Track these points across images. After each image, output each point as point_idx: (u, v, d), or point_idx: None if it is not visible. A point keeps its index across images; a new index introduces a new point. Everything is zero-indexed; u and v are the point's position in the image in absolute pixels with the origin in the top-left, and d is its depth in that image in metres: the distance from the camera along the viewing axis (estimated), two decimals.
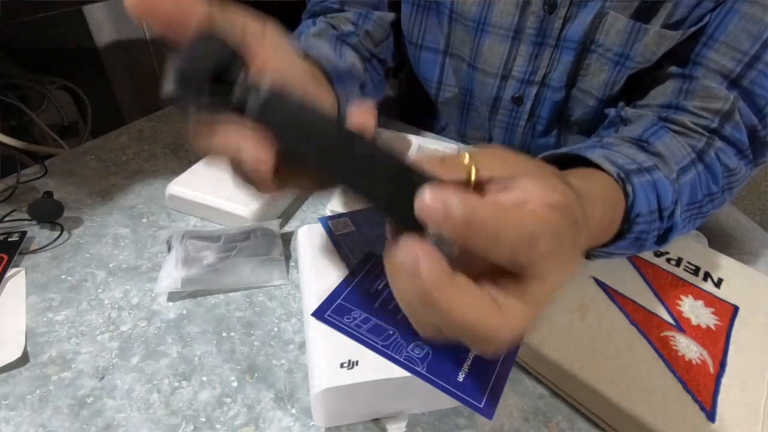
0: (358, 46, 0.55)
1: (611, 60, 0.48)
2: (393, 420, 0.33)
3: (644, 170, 0.37)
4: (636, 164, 0.37)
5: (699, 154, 0.43)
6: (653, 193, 0.37)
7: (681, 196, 0.40)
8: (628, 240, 0.37)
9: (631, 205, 0.35)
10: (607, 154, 0.37)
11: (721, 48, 0.43)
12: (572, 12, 0.48)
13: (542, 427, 0.34)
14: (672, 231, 0.39)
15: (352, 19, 0.55)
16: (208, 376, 0.36)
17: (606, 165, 0.35)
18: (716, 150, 0.43)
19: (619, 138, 0.43)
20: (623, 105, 0.50)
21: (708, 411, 0.33)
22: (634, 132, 0.43)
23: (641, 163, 0.38)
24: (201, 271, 0.42)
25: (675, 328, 0.39)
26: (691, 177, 0.42)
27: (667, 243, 0.40)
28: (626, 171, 0.36)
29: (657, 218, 0.37)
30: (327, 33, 0.52)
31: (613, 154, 0.37)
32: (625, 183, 0.35)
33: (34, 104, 0.93)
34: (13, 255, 0.43)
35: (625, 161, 0.37)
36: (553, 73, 0.53)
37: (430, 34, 0.58)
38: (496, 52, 0.54)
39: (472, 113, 0.64)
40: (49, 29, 1.00)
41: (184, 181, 0.50)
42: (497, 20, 0.52)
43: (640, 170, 0.37)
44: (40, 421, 0.32)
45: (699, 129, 0.43)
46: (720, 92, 0.43)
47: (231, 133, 0.23)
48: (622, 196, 0.36)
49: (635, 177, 0.36)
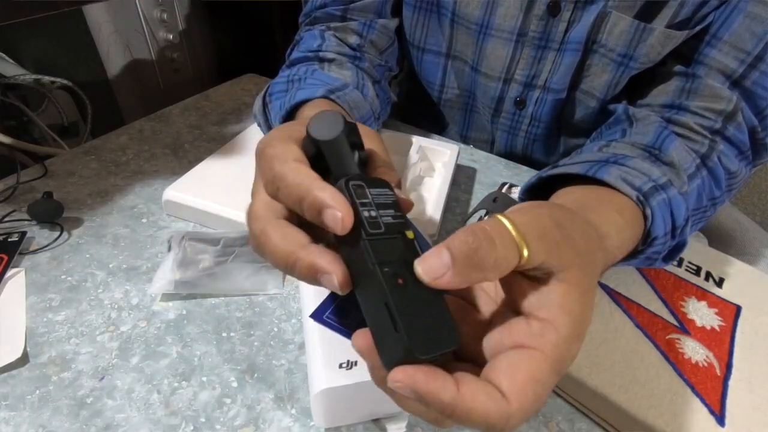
0: (370, 69, 0.54)
1: (614, 61, 0.48)
2: (393, 420, 0.33)
3: (660, 188, 0.36)
4: (652, 182, 0.36)
5: (702, 158, 0.42)
6: (668, 213, 0.36)
7: (689, 203, 0.39)
8: (639, 259, 0.37)
9: (649, 229, 0.35)
10: (624, 175, 0.35)
11: (725, 47, 0.42)
12: (576, 14, 0.48)
13: (542, 427, 0.34)
14: (681, 248, 0.38)
15: (357, 30, 0.54)
16: (207, 377, 0.36)
17: (626, 189, 0.34)
18: (719, 154, 0.42)
19: (630, 144, 0.41)
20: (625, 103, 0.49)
21: (717, 415, 0.33)
22: (645, 138, 0.41)
23: (657, 180, 0.36)
24: (196, 274, 0.41)
25: (680, 330, 0.39)
26: (698, 183, 0.41)
27: (674, 260, 0.39)
28: (645, 193, 0.35)
29: (670, 238, 0.36)
30: (345, 63, 0.51)
31: (630, 174, 0.36)
32: (644, 206, 0.34)
33: (34, 104, 0.93)
34: (13, 255, 0.43)
35: (642, 181, 0.35)
36: (555, 76, 0.52)
37: (433, 37, 0.58)
38: (499, 55, 0.54)
39: (474, 115, 0.64)
40: (49, 29, 1.00)
41: (180, 186, 0.49)
42: (500, 23, 0.52)
43: (656, 188, 0.36)
44: (39, 421, 0.32)
45: (702, 131, 0.43)
46: (723, 92, 0.42)
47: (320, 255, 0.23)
48: (641, 218, 0.35)
49: (653, 198, 0.35)
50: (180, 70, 1.39)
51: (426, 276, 0.20)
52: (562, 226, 0.22)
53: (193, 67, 1.43)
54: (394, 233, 0.23)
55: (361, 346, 0.22)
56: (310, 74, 0.47)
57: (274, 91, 0.47)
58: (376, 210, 0.23)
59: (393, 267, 0.21)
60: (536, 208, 0.23)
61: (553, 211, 0.23)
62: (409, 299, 0.21)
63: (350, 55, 0.53)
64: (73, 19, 1.07)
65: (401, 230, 0.23)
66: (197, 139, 0.64)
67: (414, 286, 0.21)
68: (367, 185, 0.24)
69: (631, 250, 0.35)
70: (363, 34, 0.55)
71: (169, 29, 1.31)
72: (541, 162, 0.64)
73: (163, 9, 1.27)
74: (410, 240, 0.23)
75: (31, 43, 0.97)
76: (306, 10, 0.57)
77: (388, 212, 0.24)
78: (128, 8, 1.19)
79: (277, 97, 0.46)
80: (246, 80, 0.81)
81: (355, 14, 0.55)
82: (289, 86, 0.46)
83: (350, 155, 0.26)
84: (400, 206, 0.25)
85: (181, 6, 1.33)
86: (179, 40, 1.35)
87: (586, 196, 0.35)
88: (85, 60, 1.12)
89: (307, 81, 0.45)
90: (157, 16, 1.27)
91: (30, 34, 0.97)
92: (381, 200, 0.24)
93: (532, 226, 0.21)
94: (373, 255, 0.21)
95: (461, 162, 0.62)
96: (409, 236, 0.23)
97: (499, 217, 0.21)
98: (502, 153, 0.65)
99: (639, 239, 0.35)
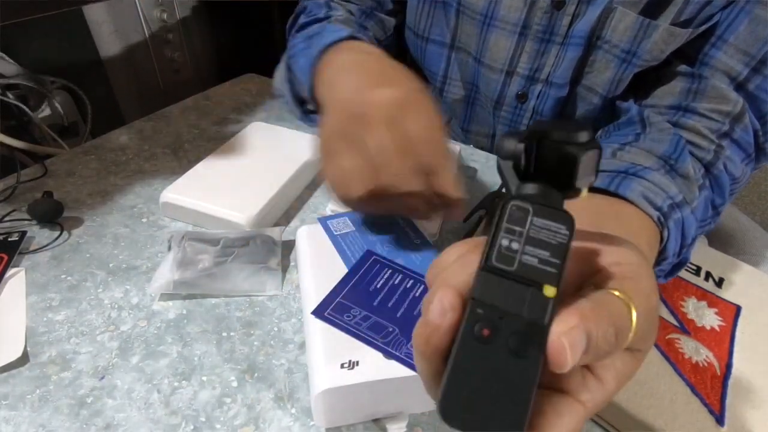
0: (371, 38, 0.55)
1: (618, 57, 0.48)
2: (393, 420, 0.33)
3: (676, 206, 0.36)
4: (670, 199, 0.36)
5: (707, 167, 0.42)
6: (680, 233, 0.36)
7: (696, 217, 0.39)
8: None
9: (663, 248, 0.35)
10: (646, 192, 0.35)
11: (730, 50, 0.42)
12: (581, 9, 0.48)
13: None
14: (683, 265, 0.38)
15: (354, 13, 0.55)
16: (207, 376, 0.36)
17: (648, 209, 0.34)
18: (725, 160, 0.42)
19: (646, 152, 0.40)
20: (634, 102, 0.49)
21: (717, 415, 0.33)
22: (662, 147, 0.40)
23: (674, 198, 0.36)
24: (195, 274, 0.41)
25: (680, 330, 0.39)
26: (705, 195, 0.41)
27: (674, 276, 0.40)
28: (664, 213, 0.35)
29: (676, 257, 0.37)
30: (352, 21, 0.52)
31: (650, 191, 0.35)
32: (663, 227, 0.34)
33: (34, 104, 0.93)
34: (13, 255, 0.43)
35: (662, 199, 0.35)
36: (557, 70, 0.52)
37: (437, 27, 0.58)
38: (502, 47, 0.54)
39: (476, 108, 0.64)
40: (49, 29, 1.00)
41: (178, 188, 0.49)
42: (505, 15, 0.52)
43: (673, 207, 0.36)
44: (40, 421, 0.32)
45: (710, 135, 0.42)
46: (730, 94, 0.42)
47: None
48: (658, 238, 0.34)
49: (670, 219, 0.35)
50: (180, 70, 1.39)
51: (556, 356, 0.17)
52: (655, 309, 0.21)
53: (193, 67, 1.44)
54: (527, 279, 0.18)
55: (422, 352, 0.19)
56: (324, 28, 0.47)
57: (295, 52, 0.47)
58: (523, 243, 0.19)
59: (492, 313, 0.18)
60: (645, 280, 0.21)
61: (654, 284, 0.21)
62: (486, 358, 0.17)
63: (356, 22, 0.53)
64: (73, 19, 1.07)
65: (541, 280, 0.18)
66: (197, 139, 0.64)
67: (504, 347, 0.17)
68: (536, 213, 0.19)
69: None
70: (360, 21, 0.55)
71: (169, 29, 1.31)
72: None
73: (163, 9, 1.27)
74: (544, 297, 0.18)
75: (31, 43, 0.97)
76: None
77: (540, 252, 0.19)
78: (128, 8, 1.19)
79: (303, 54, 0.45)
80: (246, 80, 0.81)
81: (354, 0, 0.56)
82: (308, 43, 0.46)
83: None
84: (563, 253, 0.19)
85: (181, 6, 1.33)
86: (179, 40, 1.35)
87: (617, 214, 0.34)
88: (85, 60, 1.12)
89: (326, 30, 0.46)
90: (157, 16, 1.27)
91: (30, 34, 0.97)
92: (542, 236, 0.19)
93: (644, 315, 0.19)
94: (478, 289, 0.18)
95: (461, 161, 0.62)
96: (547, 294, 0.18)
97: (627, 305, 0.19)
98: None
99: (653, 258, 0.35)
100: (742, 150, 0.43)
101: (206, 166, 0.52)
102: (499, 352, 0.17)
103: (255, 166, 0.53)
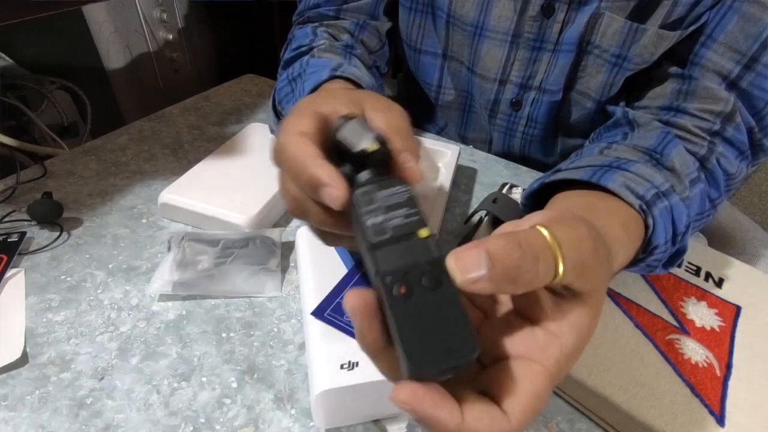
0: (363, 56, 0.54)
1: (608, 61, 0.48)
2: (393, 420, 0.33)
3: (662, 195, 0.36)
4: (654, 188, 0.36)
5: (701, 161, 0.42)
6: (669, 220, 0.36)
7: (691, 209, 0.39)
8: (639, 266, 0.36)
9: (650, 238, 0.34)
10: (627, 182, 0.35)
11: (720, 48, 0.42)
12: (570, 15, 0.48)
13: (542, 428, 0.34)
14: (682, 254, 0.38)
15: (348, 29, 0.54)
16: (207, 377, 0.36)
17: (629, 198, 0.34)
18: (718, 155, 0.42)
19: (631, 148, 0.41)
20: (624, 104, 0.49)
21: (717, 415, 0.33)
22: (647, 142, 0.41)
23: (659, 187, 0.36)
24: (194, 275, 0.41)
25: (680, 330, 0.39)
26: (701, 188, 0.40)
27: (674, 266, 0.39)
28: (647, 201, 0.34)
29: (671, 245, 0.36)
30: (337, 50, 0.51)
31: (633, 181, 0.35)
32: (646, 215, 0.34)
33: (34, 104, 0.93)
34: (13, 255, 0.43)
35: (645, 188, 0.35)
36: (550, 77, 0.52)
37: (429, 38, 0.58)
38: (494, 56, 0.54)
39: (472, 115, 0.64)
40: (49, 29, 1.00)
41: (177, 189, 0.49)
42: (495, 24, 0.52)
43: (658, 195, 0.35)
44: (39, 421, 0.32)
45: (701, 133, 0.42)
46: (721, 93, 0.42)
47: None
48: (643, 227, 0.34)
49: (655, 207, 0.34)
50: (180, 70, 1.39)
51: (459, 274, 0.19)
52: (597, 251, 0.21)
53: (193, 67, 1.44)
54: (403, 236, 0.21)
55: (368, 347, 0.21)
56: (306, 65, 0.47)
57: (281, 97, 0.47)
58: (384, 213, 0.22)
59: (398, 274, 0.20)
60: (578, 225, 0.22)
61: (591, 231, 0.22)
62: (416, 308, 0.19)
63: (342, 46, 0.52)
64: (73, 19, 1.07)
65: (413, 230, 0.21)
66: (197, 139, 0.64)
67: (423, 292, 0.20)
68: (378, 187, 0.23)
69: (632, 259, 0.35)
70: (354, 33, 0.55)
71: (169, 29, 1.31)
72: (539, 162, 0.64)
73: (163, 9, 1.27)
74: (422, 239, 0.21)
75: (31, 43, 0.97)
76: (299, 10, 0.57)
77: (398, 212, 0.22)
78: (128, 8, 1.19)
79: (287, 101, 0.46)
80: (246, 80, 0.81)
81: (347, 15, 0.55)
82: (292, 86, 0.46)
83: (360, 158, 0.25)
84: (414, 201, 0.23)
85: (181, 6, 1.33)
86: (179, 40, 1.35)
87: (591, 205, 0.34)
88: (85, 60, 1.12)
89: (306, 73, 0.45)
90: (157, 16, 1.27)
91: (30, 34, 0.97)
92: (393, 201, 0.23)
93: (573, 246, 0.20)
94: (376, 265, 0.20)
95: (461, 162, 0.62)
96: (421, 235, 0.21)
97: (543, 232, 0.20)
98: (499, 153, 0.65)
99: (640, 249, 0.35)
100: (735, 148, 0.43)
101: (205, 167, 0.52)
102: (422, 296, 0.20)
103: (254, 167, 0.53)
